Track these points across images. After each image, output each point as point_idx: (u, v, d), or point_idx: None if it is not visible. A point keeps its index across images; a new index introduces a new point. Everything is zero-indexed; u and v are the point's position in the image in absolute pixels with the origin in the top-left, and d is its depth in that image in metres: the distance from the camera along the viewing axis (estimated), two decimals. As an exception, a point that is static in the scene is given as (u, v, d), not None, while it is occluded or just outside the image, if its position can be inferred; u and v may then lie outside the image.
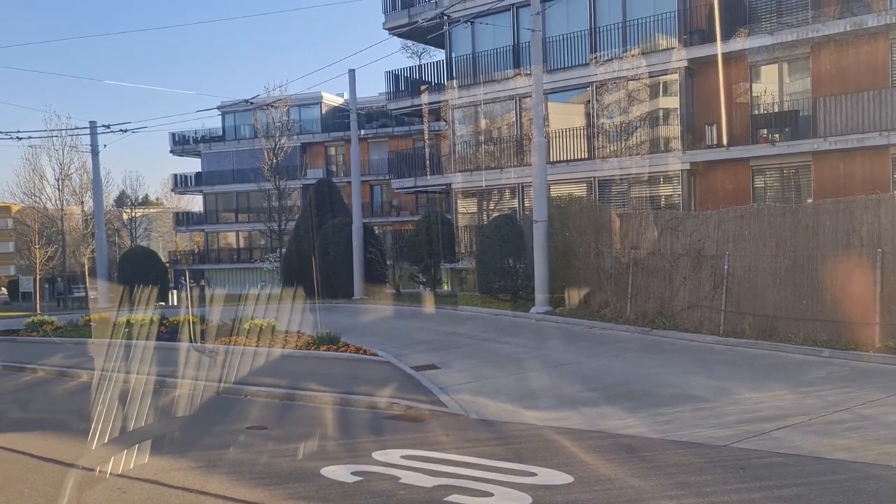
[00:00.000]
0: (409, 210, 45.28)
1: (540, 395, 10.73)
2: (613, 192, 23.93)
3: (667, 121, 23.31)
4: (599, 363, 12.90)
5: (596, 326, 16.42)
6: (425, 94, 27.91)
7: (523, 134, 25.28)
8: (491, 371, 12.64)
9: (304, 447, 8.59)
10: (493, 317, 19.47)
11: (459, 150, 27.51)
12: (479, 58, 26.63)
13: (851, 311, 12.54)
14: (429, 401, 10.60)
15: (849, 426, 8.36)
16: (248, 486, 7.19)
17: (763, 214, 14.27)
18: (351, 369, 13.26)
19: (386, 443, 8.71)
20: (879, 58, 19.71)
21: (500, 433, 9.05)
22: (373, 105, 46.32)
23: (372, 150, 47.54)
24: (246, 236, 54.03)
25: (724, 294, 14.34)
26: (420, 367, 12.90)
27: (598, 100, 24.17)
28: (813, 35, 20.11)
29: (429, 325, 18.72)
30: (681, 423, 8.84)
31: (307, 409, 10.86)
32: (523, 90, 24.49)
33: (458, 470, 7.30)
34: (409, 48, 40.30)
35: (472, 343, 15.61)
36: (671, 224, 15.84)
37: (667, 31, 22.56)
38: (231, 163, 52.27)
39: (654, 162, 22.78)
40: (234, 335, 16.31)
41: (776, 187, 21.76)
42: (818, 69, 20.61)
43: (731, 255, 14.33)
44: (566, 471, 7.16)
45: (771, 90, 21.72)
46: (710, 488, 6.66)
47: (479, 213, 27.24)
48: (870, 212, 12.60)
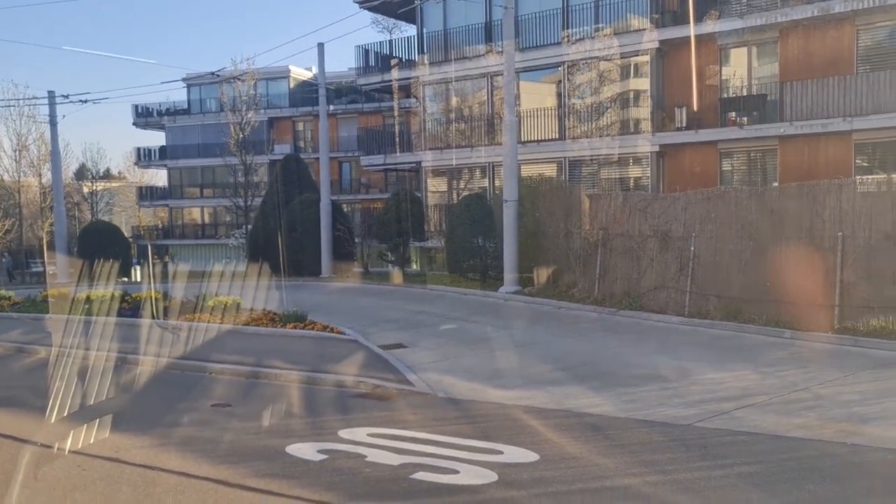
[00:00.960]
0: (379, 188, 44.97)
1: (507, 375, 10.77)
2: (583, 173, 24.01)
3: (637, 102, 23.39)
4: (567, 343, 12.98)
5: (564, 307, 16.51)
6: (396, 69, 27.60)
7: (494, 113, 25.18)
8: (459, 350, 12.64)
9: (269, 425, 8.51)
10: (462, 296, 19.48)
11: (430, 128, 27.32)
12: (450, 34, 26.38)
13: (813, 293, 12.76)
14: (396, 379, 10.57)
15: (807, 405, 8.53)
16: (211, 463, 7.09)
17: (729, 197, 14.42)
18: (317, 347, 13.17)
19: (352, 421, 8.67)
20: (845, 44, 19.96)
21: (467, 412, 9.06)
22: (342, 80, 45.71)
23: (341, 126, 47.00)
24: (211, 212, 53.22)
25: (690, 276, 14.50)
26: (388, 346, 12.86)
27: (569, 80, 24.14)
28: (782, 19, 20.27)
29: (397, 303, 18.66)
30: (646, 403, 8.94)
31: (273, 386, 10.76)
32: (495, 68, 24.35)
33: (424, 448, 7.29)
34: (380, 23, 39.79)
35: (441, 322, 15.60)
36: (640, 206, 15.93)
37: (639, 12, 22.56)
38: (196, 137, 51.30)
39: (624, 143, 22.88)
40: (198, 312, 16.07)
41: (743, 170, 22.02)
42: (786, 54, 20.81)
43: (697, 238, 14.47)
44: (532, 449, 7.19)
45: (740, 74, 21.90)
46: (673, 466, 6.75)
47: (449, 192, 27.14)
48: (832, 196, 12.80)
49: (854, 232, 12.41)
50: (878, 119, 18.87)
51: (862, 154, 19.95)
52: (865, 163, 19.86)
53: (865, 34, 20.00)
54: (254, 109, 39.56)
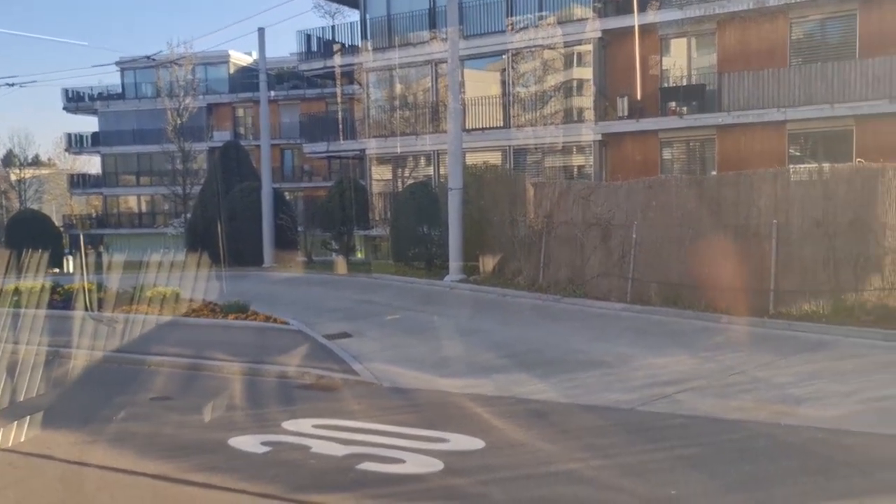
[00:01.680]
0: (322, 175, 44.40)
1: (453, 363, 10.78)
2: (528, 161, 24.17)
3: (580, 91, 23.63)
4: (512, 330, 13.07)
5: (509, 294, 16.62)
6: (339, 55, 27.23)
7: (439, 100, 25.09)
8: (404, 339, 12.60)
9: (211, 418, 8.32)
10: (408, 285, 19.42)
11: (374, 115, 27.08)
12: (394, 20, 26.14)
13: (749, 279, 13.15)
14: (341, 369, 10.47)
15: (744, 388, 8.78)
16: (151, 459, 6.90)
17: (670, 186, 14.70)
18: (260, 338, 12.94)
19: (297, 412, 8.55)
20: (779, 36, 20.54)
21: (413, 401, 9.04)
22: (284, 66, 44.85)
23: (283, 112, 46.16)
24: (148, 200, 51.70)
25: (632, 263, 14.75)
26: (332, 336, 12.72)
27: (513, 68, 24.22)
28: (719, 11, 20.73)
29: (342, 293, 18.49)
30: (589, 388, 9.06)
31: (214, 379, 10.53)
32: (439, 55, 24.24)
33: (370, 438, 7.24)
34: (322, 7, 39.12)
35: (386, 311, 15.52)
36: (583, 194, 16.11)
37: (582, 1, 22.75)
38: (131, 122, 49.67)
39: (568, 132, 23.11)
40: (135, 303, 15.61)
41: (683, 159, 22.50)
42: (724, 45, 21.30)
43: (639, 225, 14.72)
44: (478, 436, 7.22)
45: (680, 64, 22.33)
46: (616, 450, 6.87)
47: (394, 180, 26.98)
48: (767, 185, 13.18)
49: (788, 219, 12.81)
50: (810, 110, 19.51)
51: (795, 144, 20.61)
52: (798, 152, 20.53)
53: (798, 27, 20.63)
54: (192, 95, 38.53)
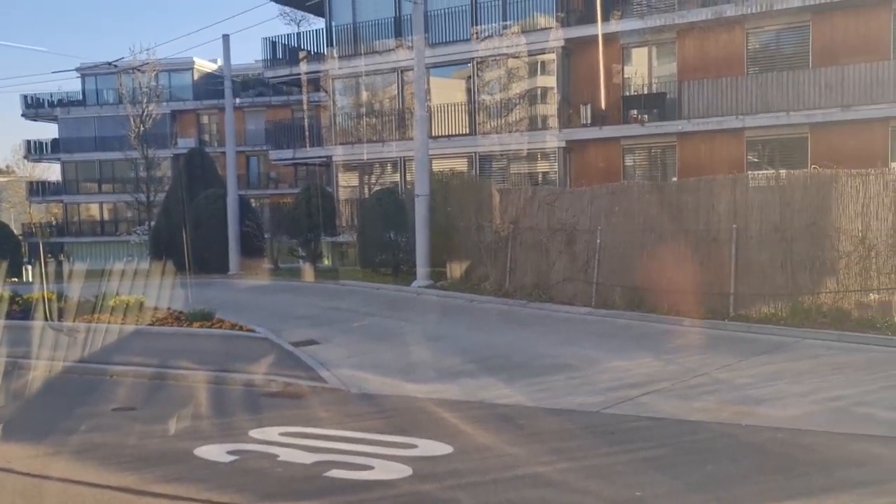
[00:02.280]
0: (288, 182, 44.13)
1: (421, 368, 10.81)
2: (494, 168, 24.33)
3: (544, 99, 23.89)
4: (479, 336, 13.14)
5: (476, 300, 16.70)
6: (305, 63, 27.13)
7: (405, 107, 25.15)
8: (372, 345, 12.59)
9: (175, 428, 8.23)
10: (375, 291, 19.39)
11: (340, 122, 27.02)
12: (360, 28, 26.15)
13: (710, 282, 13.43)
14: (308, 377, 10.43)
15: (706, 389, 8.97)
16: (113, 470, 6.81)
17: (632, 191, 14.95)
18: (226, 346, 12.82)
19: (264, 420, 8.50)
20: (736, 46, 21.03)
21: (381, 407, 9.05)
22: (249, 73, 44.58)
23: (248, 119, 45.81)
24: (111, 208, 50.81)
25: (597, 267, 14.95)
26: (299, 343, 12.66)
27: (479, 76, 24.39)
28: (679, 21, 21.15)
29: (308, 299, 18.40)
30: (555, 392, 9.17)
31: (179, 388, 10.41)
32: (405, 63, 24.31)
33: (338, 445, 7.24)
34: (288, 15, 38.99)
35: (354, 317, 15.49)
36: (548, 200, 16.29)
37: (545, 10, 23.03)
38: (93, 129, 48.82)
39: (533, 139, 23.33)
40: (97, 312, 15.34)
41: (645, 166, 22.87)
42: (684, 54, 21.73)
43: (602, 231, 14.93)
44: (446, 441, 7.26)
45: (641, 72, 22.71)
46: (582, 453, 6.96)
47: (361, 187, 26.95)
48: (727, 190, 13.48)
49: (747, 224, 13.11)
50: (767, 118, 20.00)
51: (753, 150, 21.09)
52: (756, 159, 21.01)
53: (754, 38, 21.14)
54: (155, 102, 37.99)
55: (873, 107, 18.76)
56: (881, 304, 11.95)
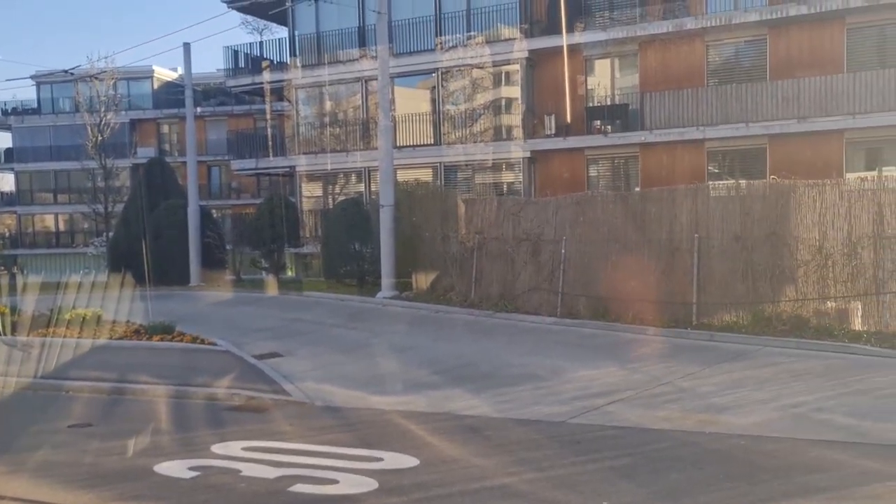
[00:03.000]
0: (251, 193, 43.66)
1: (386, 380, 10.72)
2: (459, 178, 24.37)
3: (509, 109, 24.03)
4: (445, 347, 13.10)
5: (441, 310, 16.66)
6: (267, 72, 26.92)
7: (370, 117, 25.08)
8: (337, 357, 12.46)
9: (134, 444, 8.02)
10: (340, 302, 19.24)
11: (304, 132, 26.84)
12: (323, 37, 26.05)
13: (674, 291, 13.59)
14: (272, 390, 10.27)
15: (670, 398, 9.05)
16: (69, 489, 6.59)
17: (597, 202, 15.09)
18: (187, 360, 12.56)
19: (226, 435, 8.33)
20: (697, 58, 21.42)
21: (347, 420, 8.94)
22: (210, 82, 44.03)
23: (210, 128, 45.23)
24: (67, 219, 49.63)
25: (562, 277, 15.03)
26: (262, 356, 12.47)
27: (443, 86, 24.45)
28: (641, 33, 21.48)
29: (272, 311, 18.17)
30: (522, 402, 9.16)
31: (138, 403, 10.16)
32: (369, 73, 24.26)
33: (302, 459, 7.12)
34: (250, 24, 38.68)
35: (318, 329, 15.33)
36: (513, 210, 16.36)
37: (509, 21, 23.20)
38: (48, 138, 47.72)
39: (498, 149, 23.44)
40: (52, 326, 14.93)
41: (608, 176, 23.12)
42: (645, 65, 22.07)
43: (567, 241, 15.03)
44: (412, 454, 7.19)
45: (604, 84, 22.99)
46: (549, 462, 6.95)
47: (325, 197, 26.77)
48: (688, 200, 13.68)
49: (709, 234, 13.31)
50: (727, 129, 20.38)
51: (714, 161, 21.47)
52: (717, 169, 21.39)
53: (714, 50, 21.57)
54: (114, 110, 37.37)
55: (828, 119, 19.25)
56: (838, 312, 12.22)
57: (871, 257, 12.02)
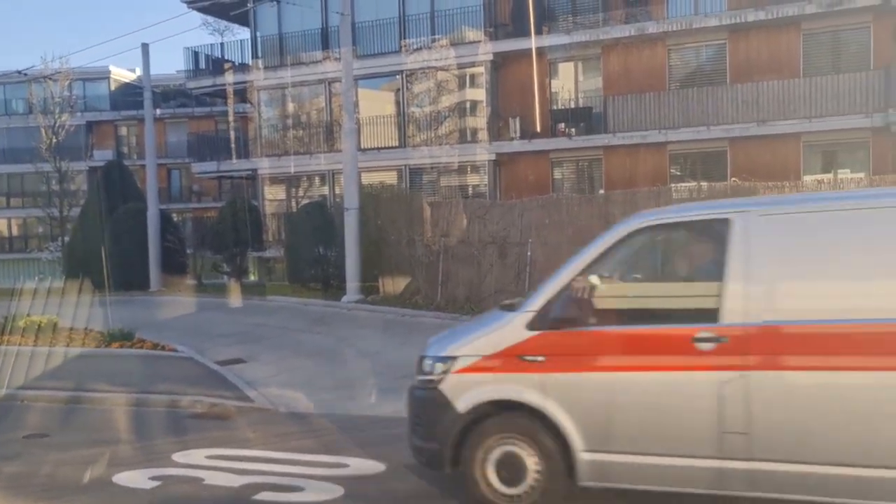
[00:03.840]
0: (212, 196, 43.05)
1: (352, 385, 10.60)
2: (424, 181, 24.32)
3: (474, 112, 24.06)
4: (411, 351, 12.91)
5: (407, 314, 16.56)
6: (229, 73, 26.58)
7: (333, 119, 24.90)
8: (301, 362, 12.29)
9: (93, 454, 7.77)
10: (304, 306, 19.02)
11: (266, 134, 26.54)
12: (286, 39, 25.80)
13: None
14: (235, 396, 10.08)
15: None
16: (26, 501, 6.35)
17: (562, 204, 15.18)
18: (148, 367, 12.28)
19: (188, 443, 8.13)
20: (658, 62, 21.71)
21: (311, 426, 8.80)
22: (170, 83, 43.36)
23: (170, 131, 44.49)
24: (20, 223, 48.35)
25: (528, 279, 15.06)
26: (225, 362, 12.25)
27: (408, 88, 24.38)
28: (604, 37, 21.69)
29: (234, 316, 17.89)
30: (490, 405, 9.09)
31: (97, 412, 9.88)
32: (333, 75, 24.10)
33: (267, 466, 6.98)
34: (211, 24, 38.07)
35: (282, 334, 15.12)
36: (479, 213, 16.36)
37: (473, 24, 23.24)
38: (1, 141, 46.50)
39: (463, 152, 23.44)
40: (5, 334, 14.47)
41: (573, 178, 23.29)
42: (608, 69, 22.29)
43: (533, 243, 15.08)
44: (379, 459, 7.09)
45: (568, 87, 23.16)
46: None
47: (288, 200, 26.49)
48: (652, 202, 13.81)
49: (671, 235, 13.45)
50: (688, 132, 20.69)
51: (676, 163, 21.77)
52: (679, 171, 21.70)
53: (676, 54, 21.88)
54: (69, 112, 36.51)
55: (786, 122, 19.66)
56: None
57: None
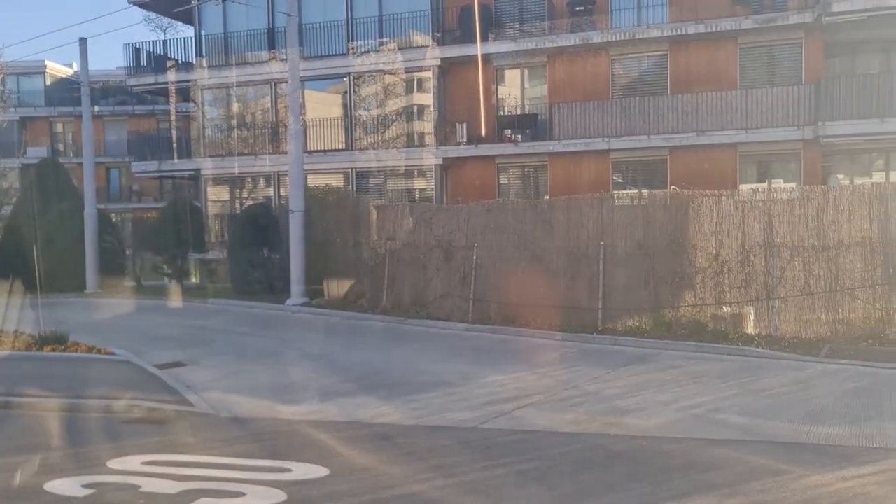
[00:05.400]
0: (153, 196, 42.02)
1: (296, 389, 10.50)
2: (371, 184, 24.23)
3: (421, 116, 24.10)
4: (356, 354, 12.96)
5: (353, 317, 16.49)
6: (172, 71, 25.99)
7: (279, 120, 24.62)
8: (244, 366, 12.12)
9: (23, 462, 7.51)
10: (247, 309, 18.74)
11: (210, 134, 26.06)
12: (231, 38, 25.39)
13: (580, 297, 13.95)
14: (175, 401, 9.87)
15: (577, 402, 9.27)
16: (-53, 514, 6.12)
17: (507, 209, 15.33)
18: (83, 371, 11.90)
19: (124, 449, 7.93)
20: (602, 71, 22.14)
21: (254, 430, 8.69)
22: (110, 80, 42.15)
23: (109, 129, 43.26)
24: (-52, 222, 46.33)
25: (473, 284, 15.18)
26: (164, 366, 11.98)
27: (355, 91, 24.28)
28: (549, 45, 22.01)
29: (175, 319, 17.50)
30: (433, 409, 9.16)
31: (27, 418, 9.54)
32: (279, 75, 23.83)
33: (207, 472, 6.87)
34: (153, 21, 37.35)
35: (224, 338, 14.86)
36: (425, 217, 16.40)
37: (421, 29, 23.29)
38: (-72, 135, 44.44)
39: (410, 155, 23.45)
40: (-70, 337, 13.84)
41: (518, 184, 23.54)
42: (554, 77, 22.62)
43: (479, 247, 15.19)
44: (322, 463, 7.06)
45: (514, 93, 23.42)
46: (459, 469, 6.97)
47: (232, 201, 26.05)
48: (595, 209, 14.11)
49: (613, 241, 13.75)
50: (630, 140, 21.14)
51: (618, 171, 22.21)
52: (621, 179, 22.15)
53: (619, 64, 22.34)
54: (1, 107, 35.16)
55: (723, 132, 20.28)
56: (733, 317, 12.86)
57: (762, 265, 12.73)
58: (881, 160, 21.25)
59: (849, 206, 12.46)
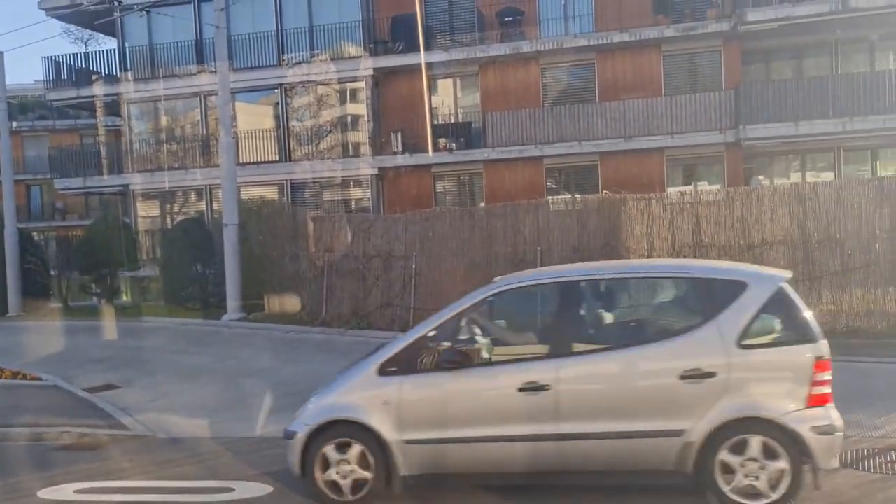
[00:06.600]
0: (78, 213, 40.55)
1: (235, 407, 10.29)
2: (307, 195, 24.00)
3: (356, 126, 24.02)
4: (296, 368, 12.78)
5: (292, 330, 16.27)
6: (96, 85, 25.21)
7: (210, 133, 24.15)
8: (180, 386, 11.81)
9: (-56, 497, 7.14)
10: (182, 327, 18.27)
11: (138, 149, 25.36)
12: (157, 50, 24.81)
13: (519, 302, 14.09)
14: (108, 425, 9.55)
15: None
16: None
17: (445, 217, 15.42)
18: (7, 397, 11.38)
19: (56, 478, 7.61)
20: (533, 80, 22.53)
21: (193, 451, 8.47)
22: (28, 94, 40.62)
23: (28, 144, 41.58)
24: None
25: (413, 292, 15.18)
26: (96, 389, 11.57)
27: (288, 102, 24.04)
28: (480, 55, 22.28)
29: (106, 340, 16.92)
30: (377, 419, 9.08)
31: (-52, 450, 9.06)
32: (208, 88, 23.38)
33: (145, 497, 6.68)
34: (73, 33, 36.22)
35: (159, 357, 14.44)
36: (363, 227, 16.33)
37: (353, 40, 23.25)
38: None
39: (346, 166, 23.34)
40: None
41: (455, 192, 23.69)
42: (486, 86, 22.90)
43: (418, 256, 15.22)
44: (265, 482, 6.95)
45: (448, 103, 23.59)
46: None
47: (163, 217, 25.40)
48: (530, 215, 14.32)
49: (550, 246, 13.99)
50: (562, 147, 21.57)
51: (552, 177, 22.62)
52: (555, 185, 22.55)
53: (549, 73, 22.78)
54: None
55: (650, 138, 20.90)
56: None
57: (693, 264, 13.12)
58: (797, 161, 22.28)
59: (771, 206, 13.02)
